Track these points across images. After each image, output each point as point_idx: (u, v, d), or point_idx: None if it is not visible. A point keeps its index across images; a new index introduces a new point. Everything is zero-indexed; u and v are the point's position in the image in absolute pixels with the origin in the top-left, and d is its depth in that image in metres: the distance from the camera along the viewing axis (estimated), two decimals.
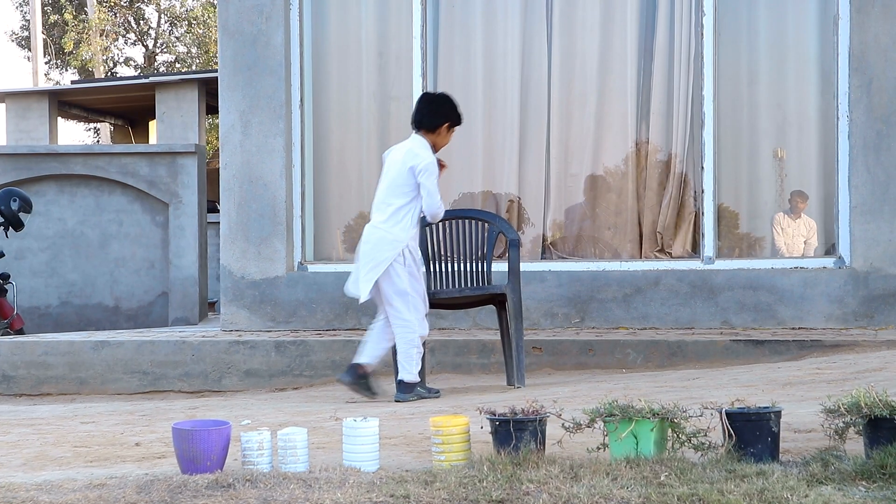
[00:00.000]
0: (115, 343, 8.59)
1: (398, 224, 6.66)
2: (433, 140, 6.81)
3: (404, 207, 6.67)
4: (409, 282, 6.65)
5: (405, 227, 6.68)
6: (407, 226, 6.68)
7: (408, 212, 6.68)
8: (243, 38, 9.30)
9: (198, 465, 3.99)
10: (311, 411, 6.25)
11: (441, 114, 6.82)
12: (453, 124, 6.86)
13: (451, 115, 6.84)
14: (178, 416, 6.30)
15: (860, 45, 8.64)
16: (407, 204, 6.68)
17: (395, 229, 6.66)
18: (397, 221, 6.67)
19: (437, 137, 6.82)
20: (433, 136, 6.81)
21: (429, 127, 6.79)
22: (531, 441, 4.00)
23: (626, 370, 7.97)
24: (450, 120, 6.82)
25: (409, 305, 6.65)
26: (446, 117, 6.82)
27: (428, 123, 6.79)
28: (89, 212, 12.38)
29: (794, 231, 9.40)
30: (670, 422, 4.02)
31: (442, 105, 6.88)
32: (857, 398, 3.90)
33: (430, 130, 6.79)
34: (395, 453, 4.46)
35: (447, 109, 6.86)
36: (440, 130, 6.81)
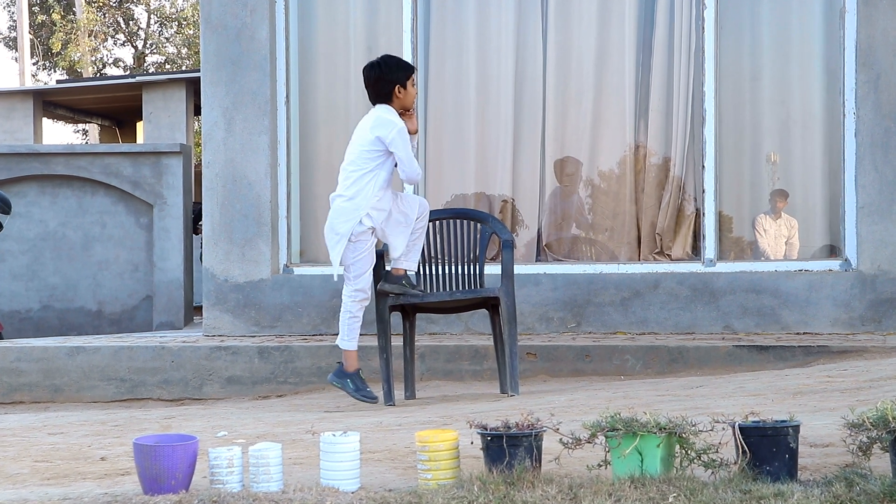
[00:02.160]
0: (92, 349, 8.24)
1: (360, 192, 6.47)
2: (398, 104, 6.56)
3: (366, 175, 6.47)
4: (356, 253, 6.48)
5: (367, 195, 6.47)
6: (369, 194, 6.46)
7: (370, 179, 6.47)
8: (227, 31, 8.96)
9: (161, 484, 3.65)
10: (292, 421, 5.91)
11: (386, 80, 6.54)
12: (405, 79, 6.55)
13: (396, 76, 6.55)
14: (153, 427, 5.96)
15: (867, 39, 8.32)
16: (369, 171, 6.47)
17: (356, 198, 6.46)
18: (359, 190, 6.47)
19: (399, 100, 6.55)
20: (395, 102, 6.55)
21: (382, 98, 6.55)
22: (526, 458, 3.66)
23: (624, 377, 7.65)
24: (397, 81, 6.53)
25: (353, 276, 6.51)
26: (393, 80, 6.53)
27: (379, 96, 6.57)
28: (71, 213, 12.06)
29: (775, 232, 9.08)
30: (678, 437, 3.68)
31: (383, 71, 6.57)
32: (883, 411, 3.56)
33: (386, 100, 6.54)
34: (378, 470, 4.11)
35: (389, 72, 6.56)
36: (396, 94, 6.53)
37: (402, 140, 6.44)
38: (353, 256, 6.51)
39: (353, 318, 6.57)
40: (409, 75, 6.58)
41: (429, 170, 9.22)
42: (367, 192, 6.46)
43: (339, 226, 6.50)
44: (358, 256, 6.51)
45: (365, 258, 6.53)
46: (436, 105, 9.23)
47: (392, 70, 6.57)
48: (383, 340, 6.69)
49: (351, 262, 6.52)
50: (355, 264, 6.52)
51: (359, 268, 6.52)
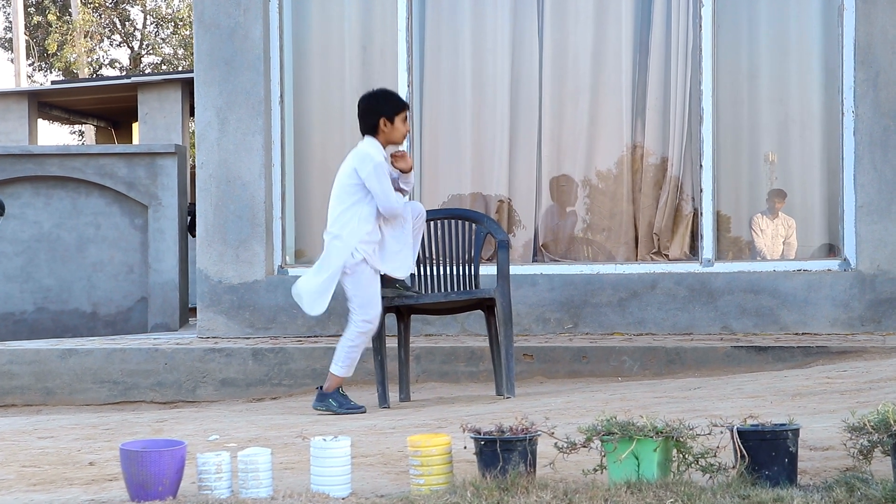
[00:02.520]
0: (84, 351, 8.17)
1: (346, 226, 6.39)
2: (385, 139, 6.46)
3: (349, 210, 6.38)
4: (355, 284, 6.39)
5: (353, 230, 6.37)
6: (355, 228, 6.37)
7: (354, 214, 6.37)
8: (220, 31, 8.88)
9: (148, 490, 3.58)
10: (286, 424, 5.83)
11: (372, 111, 6.45)
12: (393, 114, 6.44)
13: (382, 108, 6.45)
14: (144, 431, 5.89)
15: (866, 37, 8.25)
16: (352, 206, 6.38)
17: (343, 235, 6.39)
18: (344, 225, 6.39)
19: (384, 134, 6.45)
20: (381, 136, 6.45)
21: (368, 130, 6.47)
22: (520, 462, 3.58)
23: (621, 378, 7.57)
24: (383, 114, 6.42)
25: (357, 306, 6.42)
26: (378, 112, 6.43)
27: (365, 127, 6.48)
28: (66, 214, 11.97)
29: (772, 232, 9.00)
30: (676, 441, 3.60)
31: (370, 102, 6.50)
32: (884, 415, 3.49)
33: (372, 133, 6.46)
34: (370, 475, 4.04)
35: (376, 104, 6.48)
36: (381, 127, 6.42)
37: (377, 174, 6.32)
38: (352, 287, 6.41)
39: (352, 347, 6.43)
40: (398, 111, 6.45)
41: (424, 170, 9.14)
42: (352, 227, 6.37)
43: (332, 261, 6.42)
44: (359, 286, 6.39)
45: (367, 287, 6.39)
46: (431, 104, 9.16)
47: (380, 102, 6.49)
48: (377, 342, 6.61)
49: (353, 294, 6.41)
50: (357, 294, 6.40)
51: (362, 296, 6.39)
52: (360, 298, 6.40)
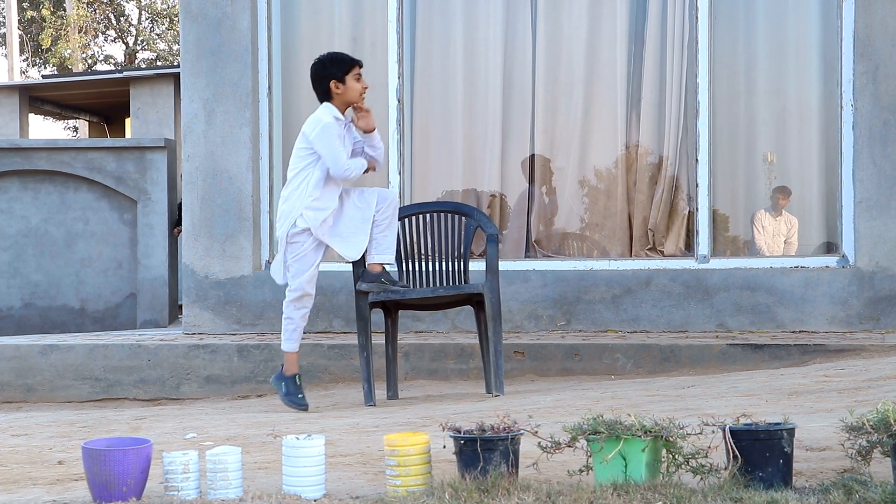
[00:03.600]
0: (66, 347, 7.99)
1: (294, 192, 6.29)
2: (341, 101, 6.32)
3: (300, 174, 6.29)
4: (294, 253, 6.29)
5: (300, 194, 6.27)
6: (303, 193, 6.26)
7: (304, 179, 6.27)
8: (207, 21, 8.71)
9: (111, 491, 3.41)
10: (267, 422, 5.67)
11: (321, 77, 6.34)
12: (342, 73, 6.30)
13: (329, 71, 6.32)
14: (122, 428, 5.73)
15: (865, 30, 8.07)
16: (302, 170, 6.28)
17: (290, 199, 6.30)
18: (293, 190, 6.30)
19: (339, 97, 6.31)
20: (335, 99, 6.32)
21: (323, 96, 6.37)
22: (502, 463, 3.42)
23: (614, 376, 7.41)
24: (331, 76, 6.30)
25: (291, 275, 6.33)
26: (328, 76, 6.31)
27: (320, 94, 6.38)
28: (54, 209, 11.82)
29: (774, 230, 8.83)
30: (665, 440, 3.44)
31: (317, 68, 6.38)
32: (884, 414, 3.33)
33: (327, 98, 6.34)
34: (347, 475, 3.87)
35: (322, 68, 6.36)
36: (333, 90, 6.30)
37: (325, 135, 6.20)
38: (291, 257, 6.32)
39: (288, 320, 6.38)
40: (347, 69, 6.32)
41: (415, 165, 8.97)
42: (300, 191, 6.27)
43: (278, 229, 6.40)
44: (296, 257, 6.30)
45: (303, 258, 6.30)
46: (422, 98, 8.99)
47: (325, 66, 6.36)
48: (363, 338, 6.44)
49: (290, 263, 6.33)
50: (293, 265, 6.32)
51: (296, 268, 6.31)
52: (295, 268, 6.31)
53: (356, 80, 6.34)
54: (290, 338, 6.41)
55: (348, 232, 6.35)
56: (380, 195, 6.42)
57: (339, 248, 6.34)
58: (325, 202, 6.28)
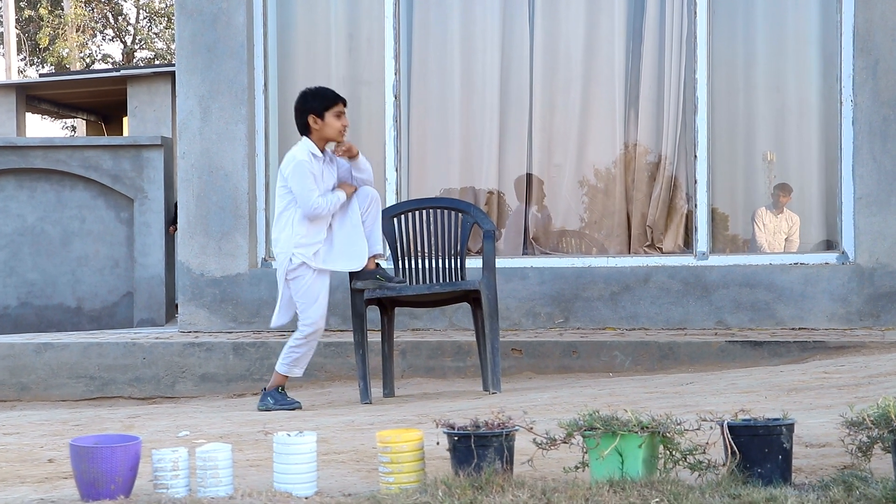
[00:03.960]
0: (60, 345, 7.93)
1: (282, 232, 6.28)
2: (318, 136, 6.28)
3: (284, 213, 6.28)
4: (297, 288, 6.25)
5: (288, 234, 6.24)
6: (290, 232, 6.23)
7: (289, 217, 6.25)
8: (202, 17, 8.65)
9: (99, 489, 3.35)
10: (261, 421, 5.62)
11: (301, 110, 6.32)
12: (322, 109, 6.25)
13: (310, 105, 6.29)
14: (115, 426, 5.67)
15: (865, 24, 8.02)
16: (285, 210, 6.27)
17: (280, 238, 6.28)
18: (281, 229, 6.29)
19: (316, 132, 6.27)
20: (314, 133, 6.28)
21: (301, 129, 6.34)
22: (496, 459, 3.36)
23: (613, 374, 7.35)
24: (311, 111, 6.26)
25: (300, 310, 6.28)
26: (307, 110, 6.28)
27: (299, 127, 6.36)
28: (50, 208, 11.76)
29: (774, 227, 8.77)
30: (662, 436, 3.38)
31: (299, 101, 6.39)
32: (885, 409, 3.27)
33: (306, 132, 6.31)
34: (339, 472, 3.81)
35: (303, 102, 6.35)
36: (311, 125, 6.26)
37: (297, 174, 6.17)
38: (297, 295, 6.29)
39: (292, 349, 6.32)
40: (328, 105, 6.27)
41: (413, 162, 8.91)
42: (287, 231, 6.24)
43: (278, 270, 6.38)
44: (300, 292, 6.26)
45: (308, 291, 6.25)
46: (419, 95, 8.93)
47: (307, 99, 6.35)
48: (359, 336, 6.39)
49: (297, 298, 6.29)
50: (300, 301, 6.28)
51: (304, 302, 6.26)
52: (303, 302, 6.27)
53: (336, 118, 6.28)
54: (293, 364, 6.34)
55: (344, 246, 6.28)
56: (359, 196, 6.35)
57: (343, 266, 6.29)
58: (313, 237, 6.25)
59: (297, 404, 6.26)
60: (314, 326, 6.25)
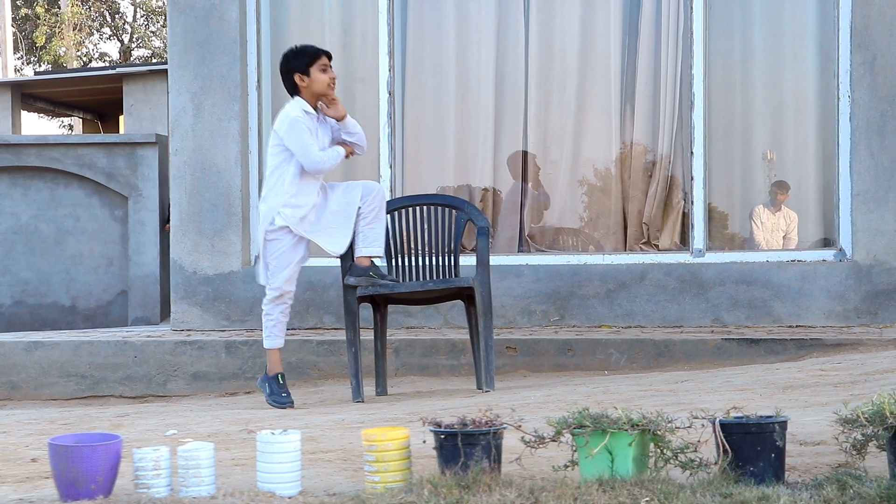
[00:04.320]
0: (50, 344, 7.87)
1: (271, 191, 6.22)
2: (309, 94, 6.22)
3: (275, 172, 6.22)
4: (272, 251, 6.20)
5: (277, 191, 6.19)
6: (279, 190, 6.18)
7: (279, 176, 6.19)
8: (195, 13, 8.58)
9: (79, 488, 3.29)
10: (252, 419, 5.55)
11: (286, 71, 6.27)
12: (305, 66, 6.20)
13: (293, 64, 6.23)
14: (104, 425, 5.61)
15: (863, 19, 7.95)
16: (277, 168, 6.21)
17: (268, 198, 6.22)
18: (270, 188, 6.23)
19: (307, 89, 6.21)
20: (303, 92, 6.22)
21: (290, 90, 6.28)
22: (483, 458, 3.30)
23: (608, 372, 7.29)
24: (296, 69, 6.21)
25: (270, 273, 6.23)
26: (291, 70, 6.23)
27: (288, 87, 6.30)
28: (44, 206, 11.71)
29: (772, 225, 8.69)
30: (652, 434, 3.32)
31: (282, 64, 6.32)
32: (880, 406, 3.21)
33: (294, 91, 6.25)
34: (325, 471, 3.75)
35: (286, 63, 6.28)
36: (300, 83, 6.20)
37: (294, 131, 6.11)
38: (270, 256, 6.22)
39: (266, 317, 6.28)
40: (311, 61, 6.21)
41: (407, 159, 8.84)
42: (277, 189, 6.18)
43: (258, 233, 6.34)
44: (274, 255, 6.20)
45: (281, 256, 6.19)
46: (414, 91, 8.86)
47: (289, 60, 6.29)
48: (352, 333, 6.32)
49: (269, 261, 6.23)
50: (271, 262, 6.22)
51: (275, 266, 6.21)
52: (274, 265, 6.21)
53: (322, 72, 6.22)
54: (272, 333, 6.31)
55: (331, 226, 6.24)
56: (365, 187, 6.31)
57: (322, 242, 6.24)
58: (303, 198, 6.18)
59: (289, 404, 6.19)
60: (279, 291, 6.21)
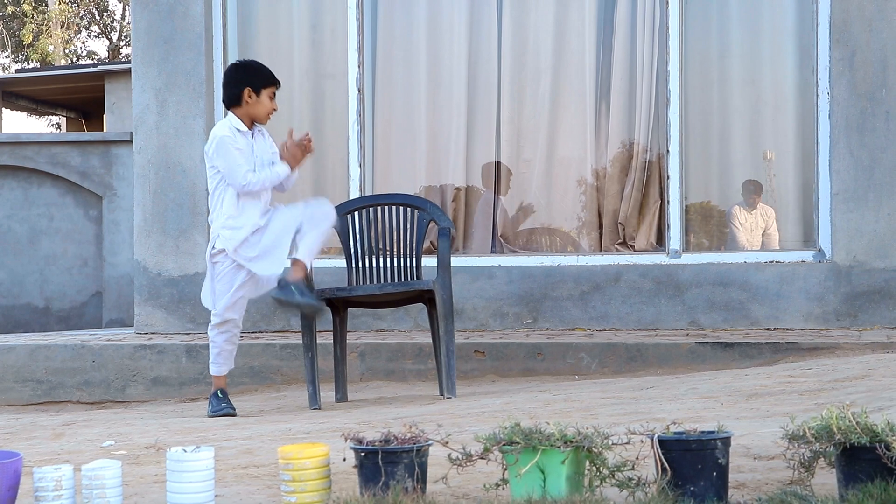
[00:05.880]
0: (6, 348, 7.65)
1: (213, 212, 6.01)
2: (247, 112, 5.93)
3: (213, 194, 5.99)
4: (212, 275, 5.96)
5: (218, 214, 5.95)
6: (220, 213, 5.93)
7: (218, 197, 5.94)
8: (158, 7, 8.37)
9: None
10: (199, 429, 5.34)
11: (237, 81, 5.97)
12: (260, 86, 5.93)
13: (249, 79, 5.96)
14: (45, 435, 5.41)
15: (842, 14, 7.74)
16: (214, 190, 5.97)
17: (213, 223, 6.02)
18: (212, 212, 6.02)
19: (250, 108, 5.93)
20: (243, 108, 5.93)
21: (231, 101, 5.97)
22: (406, 477, 3.09)
23: (578, 377, 7.08)
24: (249, 84, 5.92)
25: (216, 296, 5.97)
26: (244, 82, 5.94)
27: (228, 97, 6.01)
28: (17, 205, 11.53)
29: (751, 224, 8.48)
30: (587, 451, 3.11)
31: (237, 72, 6.06)
32: (827, 421, 3.00)
33: (235, 104, 5.95)
34: (248, 489, 3.54)
35: (243, 73, 6.03)
36: (245, 98, 5.91)
37: (221, 150, 5.84)
38: (214, 278, 5.97)
39: (212, 344, 6.02)
40: (265, 83, 5.95)
41: (377, 158, 8.62)
42: (217, 211, 5.95)
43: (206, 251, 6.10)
44: (217, 277, 5.95)
45: (222, 279, 5.91)
46: (383, 87, 8.65)
47: (244, 70, 6.05)
48: (308, 338, 6.11)
49: (214, 284, 5.97)
50: (216, 286, 5.96)
51: (220, 290, 5.94)
52: (218, 290, 5.95)
53: (269, 99, 5.98)
54: (216, 361, 6.05)
55: (267, 249, 5.88)
56: (307, 204, 5.98)
57: (258, 268, 5.86)
58: (243, 220, 5.89)
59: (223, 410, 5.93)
60: (219, 317, 5.95)
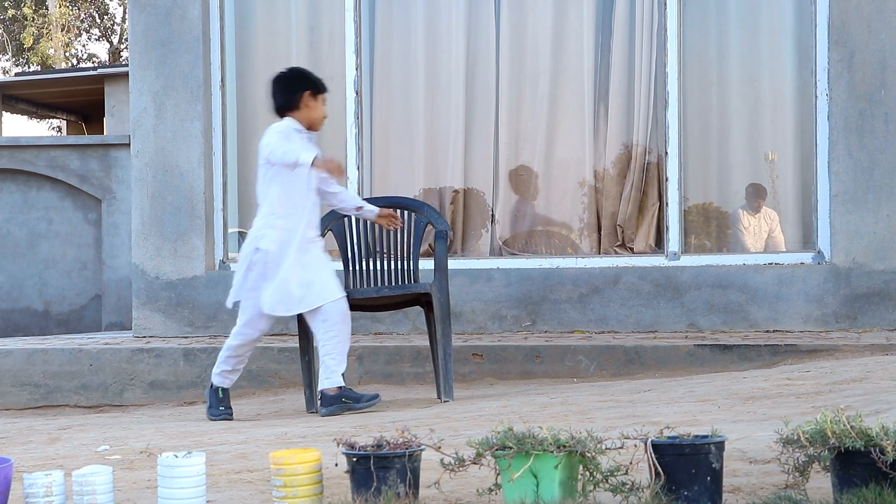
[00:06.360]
0: (3, 352, 7.64)
1: (257, 221, 5.96)
2: (305, 116, 5.94)
3: (262, 195, 5.96)
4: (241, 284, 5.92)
5: (263, 213, 5.92)
6: (264, 211, 5.91)
7: (264, 197, 5.93)
8: (156, 10, 8.36)
9: None
10: (196, 433, 5.33)
11: (296, 86, 5.97)
12: (315, 91, 5.97)
13: (305, 83, 5.99)
14: (41, 439, 5.40)
15: (840, 15, 7.72)
16: (264, 190, 5.94)
17: (256, 221, 5.97)
18: (260, 211, 5.97)
19: (308, 111, 5.94)
20: (301, 112, 5.94)
21: (288, 105, 5.95)
22: (398, 482, 3.08)
23: (577, 379, 7.06)
24: (306, 88, 5.96)
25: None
26: (303, 87, 5.97)
27: (284, 102, 5.97)
28: (16, 209, 11.53)
29: (755, 228, 8.46)
30: (580, 455, 3.09)
31: (293, 77, 6.07)
32: (822, 425, 2.98)
33: (293, 108, 5.94)
34: (241, 494, 3.53)
35: (301, 78, 6.05)
36: (309, 101, 5.93)
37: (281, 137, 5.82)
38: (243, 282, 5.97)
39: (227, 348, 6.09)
40: (321, 90, 6.01)
41: (375, 161, 8.61)
42: (262, 211, 5.91)
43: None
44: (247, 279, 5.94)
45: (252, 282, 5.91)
46: (382, 90, 8.63)
47: (305, 75, 6.09)
48: (304, 342, 6.11)
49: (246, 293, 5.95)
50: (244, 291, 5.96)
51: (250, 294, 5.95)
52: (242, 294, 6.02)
53: (324, 104, 6.04)
54: (220, 369, 6.07)
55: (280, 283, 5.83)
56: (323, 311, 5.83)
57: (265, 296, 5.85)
58: (289, 221, 5.84)
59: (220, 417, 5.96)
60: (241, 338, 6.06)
